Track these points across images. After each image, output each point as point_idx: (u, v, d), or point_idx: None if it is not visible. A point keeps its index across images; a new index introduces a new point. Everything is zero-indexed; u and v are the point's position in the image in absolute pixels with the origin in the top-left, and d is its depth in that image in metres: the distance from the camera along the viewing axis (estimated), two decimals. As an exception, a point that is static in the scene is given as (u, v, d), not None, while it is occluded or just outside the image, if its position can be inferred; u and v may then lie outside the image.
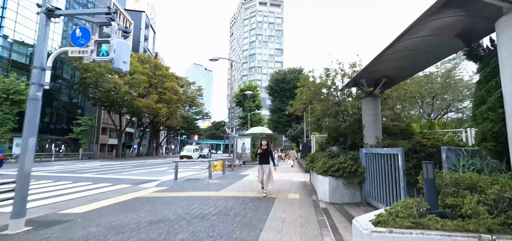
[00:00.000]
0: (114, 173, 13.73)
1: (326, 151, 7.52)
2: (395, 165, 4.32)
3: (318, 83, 7.04)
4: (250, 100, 29.97)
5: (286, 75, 41.30)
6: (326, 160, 6.41)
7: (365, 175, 5.63)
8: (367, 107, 6.43)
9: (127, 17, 52.54)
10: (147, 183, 9.88)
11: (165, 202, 5.94)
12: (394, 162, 4.35)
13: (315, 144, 10.46)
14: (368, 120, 6.39)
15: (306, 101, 7.69)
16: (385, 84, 6.49)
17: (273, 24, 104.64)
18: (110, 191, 8.02)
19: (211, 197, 6.54)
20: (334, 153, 6.84)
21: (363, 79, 6.37)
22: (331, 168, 5.96)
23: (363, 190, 5.70)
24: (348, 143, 6.73)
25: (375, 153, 5.16)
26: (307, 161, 8.73)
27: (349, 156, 6.03)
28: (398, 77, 6.32)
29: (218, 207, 5.41)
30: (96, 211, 5.09)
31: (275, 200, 6.15)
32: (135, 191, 7.92)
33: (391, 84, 6.79)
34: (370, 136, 6.33)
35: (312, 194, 7.00)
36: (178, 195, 6.85)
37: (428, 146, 5.31)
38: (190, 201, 5.97)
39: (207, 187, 8.20)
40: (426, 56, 5.23)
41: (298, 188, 8.21)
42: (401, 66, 5.68)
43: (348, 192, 5.85)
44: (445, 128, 7.06)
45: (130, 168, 17.45)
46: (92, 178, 11.03)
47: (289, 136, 39.46)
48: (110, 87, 31.15)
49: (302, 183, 9.44)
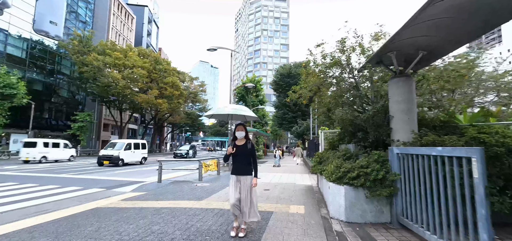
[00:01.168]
0: (99, 172, 12.40)
1: (339, 151, 5.87)
2: (461, 175, 2.68)
3: (329, 62, 5.35)
4: (253, 94, 28.32)
5: (291, 70, 39.43)
6: (340, 163, 4.78)
7: (398, 184, 3.98)
8: (397, 91, 4.75)
9: (129, 11, 51.49)
10: (126, 186, 8.45)
11: (123, 217, 4.43)
12: (459, 170, 2.71)
13: (323, 141, 8.79)
14: (398, 109, 4.71)
15: (313, 87, 6.04)
16: (421, 61, 4.79)
17: (279, 19, 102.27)
18: (73, 197, 6.61)
19: (189, 210, 5.00)
20: (351, 153, 5.19)
21: (391, 53, 4.68)
22: (348, 174, 4.32)
23: (395, 206, 4.05)
24: (369, 140, 5.07)
25: (417, 154, 3.49)
26: (314, 162, 7.10)
27: (373, 157, 4.38)
28: (442, 49, 4.60)
29: (189, 229, 3.86)
30: (16, 234, 3.62)
31: (271, 216, 4.56)
32: (104, 197, 6.50)
33: (428, 61, 5.08)
34: (401, 130, 4.65)
35: (321, 206, 5.37)
36: (148, 205, 5.35)
37: (492, 145, 3.61)
38: (157, 216, 4.45)
39: (191, 193, 6.68)
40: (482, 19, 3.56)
41: (302, 196, 6.60)
42: (447, 34, 3.98)
43: (372, 207, 4.21)
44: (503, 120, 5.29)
45: (121, 167, 16.16)
46: (66, 180, 9.68)
47: (295, 133, 37.72)
48: (108, 82, 30.05)
49: (308, 188, 7.81)
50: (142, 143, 19.25)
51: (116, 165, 15.98)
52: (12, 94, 20.87)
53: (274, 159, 18.01)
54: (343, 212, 4.31)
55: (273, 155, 19.24)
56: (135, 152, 17.90)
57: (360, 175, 4.22)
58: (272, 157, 19.30)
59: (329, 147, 7.46)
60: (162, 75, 36.70)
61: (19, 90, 21.36)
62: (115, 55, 31.21)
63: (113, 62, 31.20)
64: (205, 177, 10.36)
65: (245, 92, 28.65)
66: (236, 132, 3.69)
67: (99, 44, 33.08)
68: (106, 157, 16.19)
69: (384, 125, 4.94)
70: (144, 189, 7.53)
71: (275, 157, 17.41)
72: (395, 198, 4.02)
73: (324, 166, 5.75)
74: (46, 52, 32.42)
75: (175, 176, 10.56)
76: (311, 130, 25.70)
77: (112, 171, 13.54)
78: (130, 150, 17.42)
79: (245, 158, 3.63)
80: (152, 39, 64.35)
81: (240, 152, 3.65)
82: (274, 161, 17.26)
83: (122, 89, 30.53)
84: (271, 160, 21.95)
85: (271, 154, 35.14)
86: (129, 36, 51.29)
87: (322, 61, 5.46)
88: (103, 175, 11.47)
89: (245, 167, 3.61)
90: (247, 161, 3.63)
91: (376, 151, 4.49)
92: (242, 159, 3.63)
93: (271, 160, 21.72)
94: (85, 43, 32.46)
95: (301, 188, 7.73)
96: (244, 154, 3.64)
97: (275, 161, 17.12)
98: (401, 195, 3.95)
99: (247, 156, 3.64)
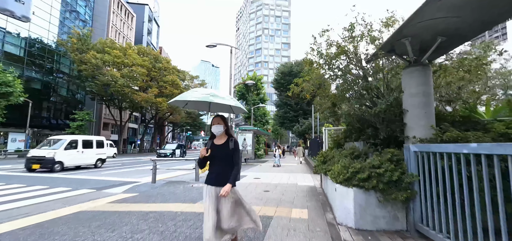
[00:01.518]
0: (92, 173, 11.95)
1: (345, 149, 5.37)
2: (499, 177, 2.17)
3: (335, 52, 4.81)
4: (254, 92, 27.81)
5: (292, 68, 38.92)
6: (348, 162, 4.27)
7: (416, 187, 3.48)
8: (412, 82, 4.23)
9: (129, 10, 51.14)
10: (119, 186, 7.99)
11: (104, 224, 3.96)
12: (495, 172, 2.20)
13: (327, 139, 8.27)
14: (414, 102, 4.19)
15: (317, 80, 5.51)
16: (438, 49, 4.27)
17: (280, 18, 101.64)
18: (58, 199, 6.15)
19: (180, 214, 4.53)
20: (359, 152, 4.68)
21: (406, 39, 4.16)
22: (358, 175, 3.82)
23: (412, 212, 3.55)
24: (380, 137, 4.56)
25: (441, 152, 2.99)
26: (318, 161, 6.59)
27: (386, 156, 3.88)
28: (463, 34, 4.08)
29: (177, 237, 3.38)
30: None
31: (271, 222, 4.07)
32: (92, 199, 6.05)
33: (446, 49, 4.55)
34: (416, 126, 4.14)
35: (326, 210, 4.88)
36: (136, 209, 4.88)
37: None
38: (143, 222, 3.98)
39: (186, 195, 6.21)
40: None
41: (305, 198, 6.10)
42: (473, 13, 3.47)
43: (385, 213, 3.71)
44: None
45: (118, 166, 15.73)
46: (57, 179, 9.24)
47: (296, 132, 37.26)
48: (106, 80, 29.67)
49: (311, 189, 7.32)
50: (99, 141, 14.78)
51: (50, 171, 11.49)
52: (8, 92, 20.50)
53: (274, 158, 16.93)
54: (352, 217, 3.80)
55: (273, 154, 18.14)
56: (84, 152, 13.40)
57: (372, 176, 3.71)
58: (273, 157, 18.64)
59: (334, 145, 6.96)
60: (162, 73, 36.31)
61: (16, 88, 20.99)
62: (114, 53, 30.84)
63: (112, 60, 30.83)
64: (203, 177, 9.91)
65: (245, 90, 28.14)
66: (213, 126, 2.66)
67: (98, 42, 32.73)
68: (36, 159, 11.52)
69: (397, 121, 4.42)
70: (136, 190, 7.07)
71: (275, 156, 16.49)
72: (413, 202, 3.51)
73: (329, 166, 5.25)
74: (44, 50, 32.11)
75: (171, 176, 10.10)
76: (313, 129, 25.17)
77: (106, 171, 13.10)
78: (76, 150, 12.98)
79: (227, 162, 2.60)
80: (153, 38, 64.01)
81: (219, 153, 2.60)
82: (274, 161, 16.43)
83: (121, 87, 30.14)
84: (272, 159, 21.45)
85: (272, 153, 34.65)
86: (129, 35, 50.94)
87: (326, 51, 4.95)
88: (96, 175, 11.03)
89: (227, 174, 2.54)
90: (230, 166, 2.59)
91: (389, 150, 3.98)
92: (222, 162, 2.59)
93: (272, 159, 21.23)
94: (84, 41, 32.12)
95: (303, 190, 7.24)
96: (225, 156, 2.60)
97: (275, 160, 16.28)
98: (420, 199, 3.44)
99: (229, 158, 2.60)
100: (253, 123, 26.87)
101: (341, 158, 4.76)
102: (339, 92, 5.11)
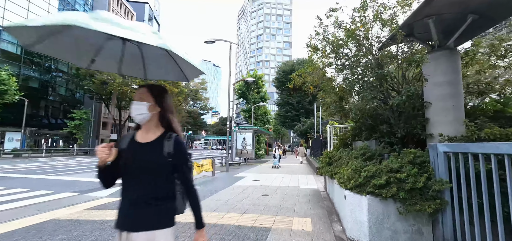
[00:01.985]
0: (81, 174, 11.36)
1: (354, 149, 4.71)
2: None
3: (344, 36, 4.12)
4: (254, 90, 27.14)
5: (294, 66, 38.21)
6: (360, 165, 3.62)
7: (446, 196, 2.81)
8: (438, 69, 3.56)
9: (129, 8, 50.66)
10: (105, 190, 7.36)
11: (71, 237, 3.34)
12: None
13: (332, 138, 7.60)
14: (440, 93, 3.53)
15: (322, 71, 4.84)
16: (466, 31, 3.59)
17: (281, 16, 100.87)
18: (34, 204, 5.55)
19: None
20: (372, 152, 4.02)
21: (429, 18, 3.50)
22: (373, 180, 3.16)
23: (440, 226, 2.88)
24: (397, 135, 3.89)
25: (485, 153, 2.32)
26: (322, 162, 5.93)
27: (407, 158, 3.21)
28: (500, 11, 3.41)
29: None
30: None
31: (268, 237, 3.42)
32: (70, 204, 5.49)
33: (475, 31, 3.87)
34: (443, 121, 3.48)
35: (332, 220, 4.22)
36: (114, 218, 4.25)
37: None
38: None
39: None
40: None
41: (308, 203, 5.44)
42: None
43: (407, 227, 3.05)
44: None
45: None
46: (40, 181, 8.64)
47: (298, 131, 36.62)
48: (104, 78, 29.15)
49: (314, 193, 6.66)
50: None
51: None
52: (3, 90, 20.01)
53: (273, 159, 15.71)
54: (367, 232, 3.15)
55: (272, 154, 16.75)
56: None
57: (391, 182, 3.05)
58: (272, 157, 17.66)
59: (340, 144, 6.30)
60: (161, 72, 35.72)
61: (10, 86, 20.49)
62: (113, 51, 30.29)
63: (110, 58, 30.28)
64: (199, 178, 9.29)
65: (245, 88, 27.48)
66: (133, 105, 1.27)
67: (97, 40, 32.22)
68: None
69: (418, 116, 3.76)
70: (123, 194, 6.45)
71: (274, 156, 15.35)
72: (442, 215, 2.85)
73: (336, 168, 4.59)
74: (42, 48, 31.64)
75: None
76: (315, 128, 24.49)
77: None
78: None
79: (156, 180, 1.23)
80: (153, 37, 63.46)
81: (140, 160, 1.23)
82: (273, 162, 15.29)
83: (119, 86, 29.60)
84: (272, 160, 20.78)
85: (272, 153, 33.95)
86: None
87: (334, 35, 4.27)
88: (84, 176, 10.42)
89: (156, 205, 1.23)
90: (163, 187, 1.26)
91: (410, 150, 3.32)
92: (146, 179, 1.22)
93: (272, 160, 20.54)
94: (82, 39, 31.59)
95: (306, 193, 6.58)
96: (154, 167, 1.23)
97: (274, 161, 15.17)
98: (452, 210, 2.78)
99: (160, 172, 1.24)
100: (253, 122, 26.22)
101: (350, 160, 4.10)
102: (348, 84, 4.44)
